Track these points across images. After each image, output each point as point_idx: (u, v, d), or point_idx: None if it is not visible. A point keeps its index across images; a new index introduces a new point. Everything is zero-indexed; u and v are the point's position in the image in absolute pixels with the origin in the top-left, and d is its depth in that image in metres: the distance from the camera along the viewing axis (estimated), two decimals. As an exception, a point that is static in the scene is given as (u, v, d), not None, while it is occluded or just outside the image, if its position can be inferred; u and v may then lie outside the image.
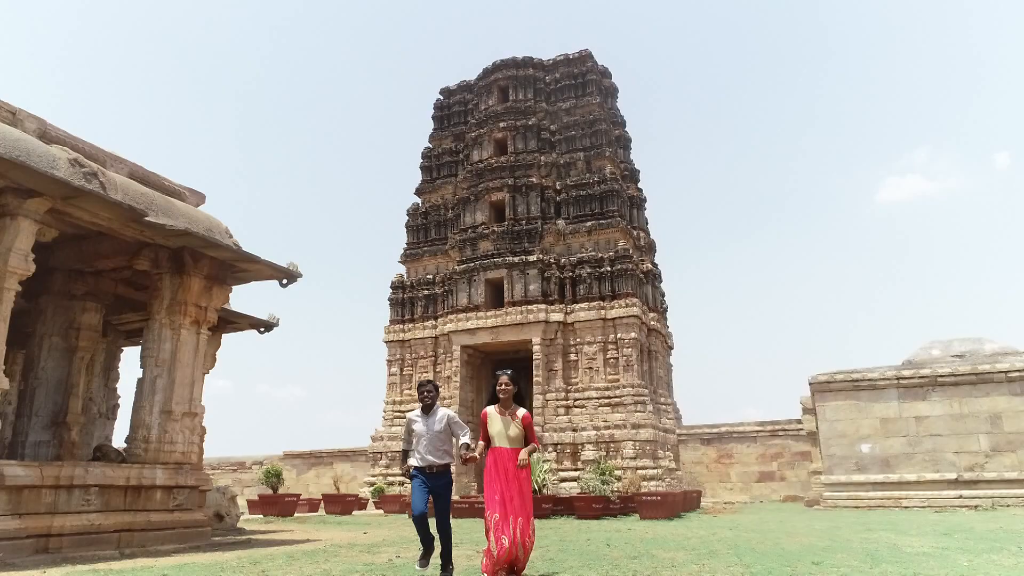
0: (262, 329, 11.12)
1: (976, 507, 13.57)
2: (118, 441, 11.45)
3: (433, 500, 5.37)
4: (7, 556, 6.37)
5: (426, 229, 23.81)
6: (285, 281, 9.20)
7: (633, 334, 20.19)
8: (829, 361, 65.24)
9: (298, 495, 15.88)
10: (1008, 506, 13.68)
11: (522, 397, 5.59)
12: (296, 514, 15.09)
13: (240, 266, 8.94)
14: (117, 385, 11.41)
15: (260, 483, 16.05)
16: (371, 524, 12.05)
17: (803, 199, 73.74)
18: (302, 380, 75.48)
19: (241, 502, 13.66)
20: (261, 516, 14.06)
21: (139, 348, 8.80)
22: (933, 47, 70.55)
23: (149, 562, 6.52)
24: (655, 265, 23.89)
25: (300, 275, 9.19)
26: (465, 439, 5.47)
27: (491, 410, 5.47)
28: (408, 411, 20.65)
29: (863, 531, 8.99)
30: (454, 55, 76.34)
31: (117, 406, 11.37)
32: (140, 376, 8.41)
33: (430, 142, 25.10)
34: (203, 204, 9.24)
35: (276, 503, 14.34)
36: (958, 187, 68.54)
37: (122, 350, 11.72)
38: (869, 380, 15.37)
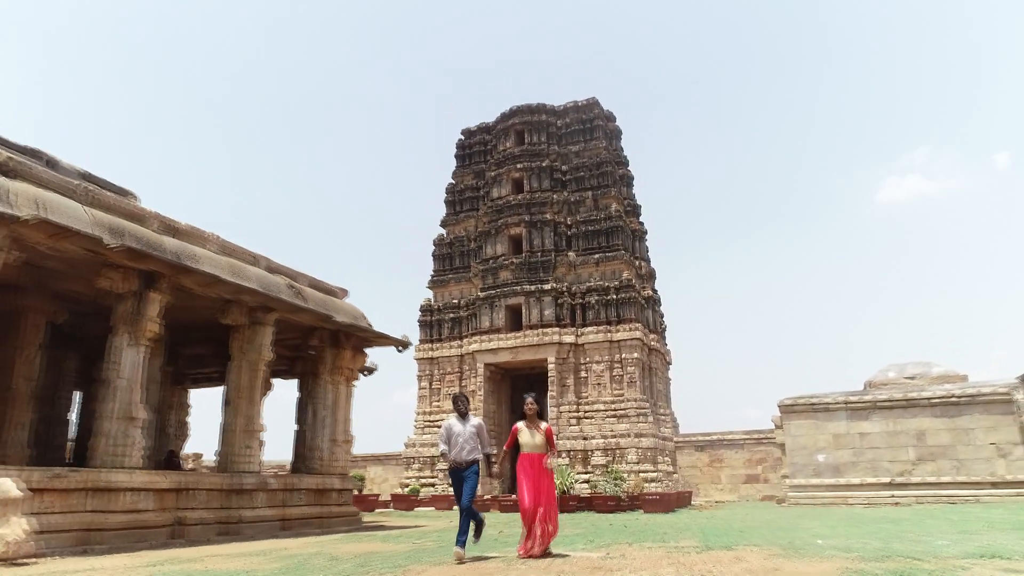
0: (366, 372, 16.51)
1: (897, 504, 19.32)
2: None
3: (464, 484, 7.61)
4: (273, 532, 11.84)
5: (451, 258, 29.23)
6: (401, 348, 14.62)
7: (636, 354, 25.82)
8: (829, 358, 71.52)
9: (377, 495, 21.54)
10: (924, 503, 19.43)
11: (543, 413, 9.20)
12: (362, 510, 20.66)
13: (373, 339, 14.35)
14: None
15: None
16: (442, 517, 17.57)
17: (803, 200, 79.81)
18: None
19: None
20: (350, 511, 19.66)
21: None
22: (933, 47, 76.25)
23: (349, 535, 11.92)
24: (655, 291, 29.50)
25: (411, 343, 14.60)
26: (490, 450, 7.89)
27: (520, 425, 7.69)
28: (437, 420, 26.50)
29: (793, 519, 14.61)
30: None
31: (263, 428, 16.72)
32: (314, 415, 13.83)
33: (453, 178, 30.43)
34: (347, 296, 14.63)
35: (363, 501, 20.12)
36: (958, 187, 74.77)
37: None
38: (824, 403, 21.09)
